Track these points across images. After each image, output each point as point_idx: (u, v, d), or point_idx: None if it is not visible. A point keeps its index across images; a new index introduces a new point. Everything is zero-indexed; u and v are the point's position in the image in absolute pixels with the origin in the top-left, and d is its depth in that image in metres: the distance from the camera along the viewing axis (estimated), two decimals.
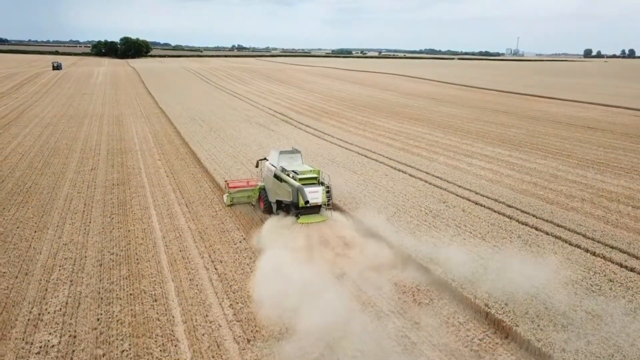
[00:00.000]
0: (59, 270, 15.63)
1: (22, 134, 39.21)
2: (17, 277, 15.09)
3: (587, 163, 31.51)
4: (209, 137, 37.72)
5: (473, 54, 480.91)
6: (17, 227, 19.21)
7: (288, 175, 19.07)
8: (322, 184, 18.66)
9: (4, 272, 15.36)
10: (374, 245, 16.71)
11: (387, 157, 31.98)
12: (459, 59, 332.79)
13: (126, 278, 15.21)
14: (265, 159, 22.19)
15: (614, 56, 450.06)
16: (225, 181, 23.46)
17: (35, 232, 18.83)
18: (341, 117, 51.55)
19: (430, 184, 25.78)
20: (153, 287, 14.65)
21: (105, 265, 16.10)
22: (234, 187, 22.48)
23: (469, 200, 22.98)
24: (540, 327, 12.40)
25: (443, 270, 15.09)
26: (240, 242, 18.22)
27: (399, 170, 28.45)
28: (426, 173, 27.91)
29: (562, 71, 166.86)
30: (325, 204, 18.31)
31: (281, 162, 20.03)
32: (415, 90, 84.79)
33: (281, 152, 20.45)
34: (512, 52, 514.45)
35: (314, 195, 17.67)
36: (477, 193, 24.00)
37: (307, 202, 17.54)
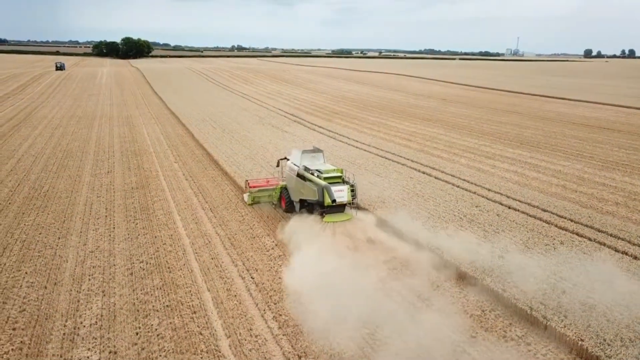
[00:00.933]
0: (89, 279, 14.94)
1: (33, 135, 38.52)
2: (46, 288, 14.40)
3: (611, 165, 30.85)
4: (223, 139, 37.03)
5: (473, 54, 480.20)
6: (40, 234, 18.52)
7: (312, 174, 18.91)
8: (346, 182, 18.53)
9: (32, 282, 14.68)
10: (422, 258, 15.89)
11: (407, 159, 31.32)
12: (460, 59, 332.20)
13: (160, 288, 14.53)
14: (285, 158, 22.05)
15: (614, 56, 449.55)
16: (246, 181, 23.35)
17: (59, 238, 18.15)
18: (352, 117, 50.90)
19: (457, 187, 25.11)
20: (190, 298, 13.96)
21: (136, 274, 15.41)
22: (255, 187, 22.43)
23: (501, 204, 22.31)
24: None
25: (511, 293, 13.78)
26: (273, 248, 17.54)
27: (423, 173, 27.78)
28: (452, 176, 27.24)
29: (566, 71, 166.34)
30: (350, 203, 18.18)
31: (304, 161, 19.87)
32: (423, 90, 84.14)
33: (304, 152, 20.32)
34: (512, 52, 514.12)
35: (340, 194, 17.59)
36: (508, 197, 23.33)
37: (334, 200, 17.42)
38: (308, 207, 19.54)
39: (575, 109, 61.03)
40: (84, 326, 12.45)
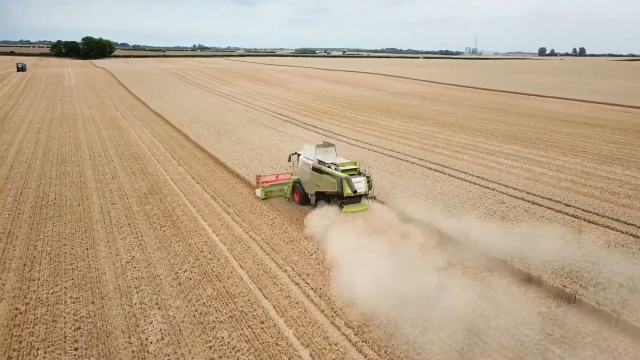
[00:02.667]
0: (137, 292, 14.11)
1: (17, 140, 36.40)
2: (93, 303, 13.50)
3: (607, 159, 31.91)
4: (222, 141, 36.09)
5: (433, 52, 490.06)
6: (64, 245, 17.41)
7: (329, 167, 19.74)
8: (362, 174, 19.40)
9: (77, 298, 13.73)
10: (499, 263, 15.66)
11: (414, 157, 31.41)
12: (424, 57, 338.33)
13: (216, 298, 13.88)
14: (296, 153, 22.91)
15: (566, 54, 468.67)
16: (257, 176, 23.94)
17: (87, 249, 17.11)
18: (342, 117, 50.75)
19: (474, 184, 25.33)
20: (252, 308, 13.40)
21: (184, 284, 14.69)
22: (267, 182, 23.32)
23: (524, 200, 22.64)
24: None
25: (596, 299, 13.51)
26: (315, 252, 17.11)
27: (435, 171, 27.91)
28: (464, 173, 27.48)
29: (531, 69, 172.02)
30: (366, 194, 19.15)
31: (317, 155, 20.70)
32: (401, 89, 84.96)
33: (317, 146, 21.19)
34: (471, 50, 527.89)
35: (359, 185, 18.62)
36: (527, 192, 23.71)
37: (354, 191, 18.42)
38: (324, 199, 20.22)
39: (551, 105, 63.09)
40: (151, 342, 11.72)
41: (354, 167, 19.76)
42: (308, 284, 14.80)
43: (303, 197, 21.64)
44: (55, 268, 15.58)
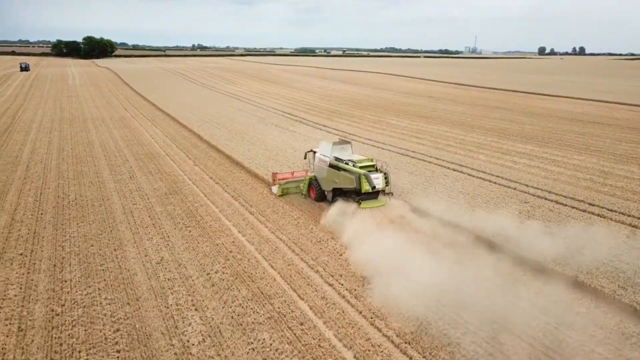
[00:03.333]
0: (172, 294, 14.01)
1: (29, 140, 36.28)
2: (129, 304, 13.39)
3: (622, 158, 31.80)
4: (234, 141, 35.97)
5: (433, 52, 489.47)
6: (91, 246, 17.30)
7: (347, 164, 20.04)
8: (379, 170, 19.80)
9: (111, 299, 13.62)
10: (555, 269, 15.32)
11: (430, 156, 31.31)
12: (425, 57, 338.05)
13: (251, 299, 13.78)
14: (312, 150, 23.46)
15: (566, 53, 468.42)
16: (273, 173, 24.36)
17: (115, 250, 17.00)
18: (351, 116, 50.64)
19: (494, 183, 25.24)
20: (289, 309, 13.29)
21: (218, 285, 14.58)
22: (283, 179, 23.73)
23: (547, 199, 22.54)
24: None
25: None
26: (344, 252, 16.99)
27: (454, 170, 27.81)
28: (483, 172, 27.39)
29: (532, 68, 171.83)
30: (384, 190, 19.65)
31: (334, 153, 21.08)
32: (406, 88, 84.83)
33: (334, 143, 21.47)
34: (471, 50, 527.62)
35: (377, 181, 19.06)
36: (549, 191, 23.61)
37: (373, 187, 18.84)
38: (341, 195, 20.60)
39: (558, 104, 62.96)
40: (193, 344, 11.61)
41: (371, 163, 20.19)
42: (342, 284, 14.69)
43: (319, 193, 21.99)
44: (85, 269, 15.47)
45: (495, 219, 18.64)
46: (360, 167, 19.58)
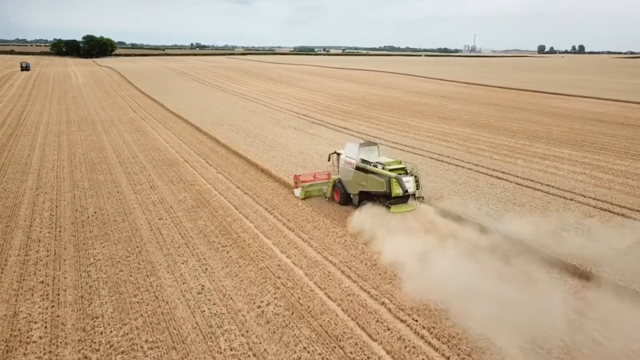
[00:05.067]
0: (222, 334, 12.03)
1: (37, 145, 34.23)
2: (175, 349, 11.40)
3: None
4: (255, 145, 33.96)
5: (432, 50, 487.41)
6: (120, 271, 15.31)
7: (375, 166, 19.19)
8: (408, 173, 18.97)
9: (153, 342, 11.65)
10: None
11: (467, 162, 29.38)
12: (426, 55, 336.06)
13: (316, 341, 11.79)
14: (336, 152, 22.78)
15: (565, 52, 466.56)
16: (295, 175, 23.52)
17: (148, 276, 15.02)
18: (367, 117, 48.70)
19: (546, 193, 23.32)
20: (364, 354, 11.33)
21: (273, 322, 12.60)
22: (306, 181, 22.90)
23: (610, 212, 20.61)
24: None
25: None
26: (397, 275, 14.99)
27: (498, 178, 25.86)
28: (529, 180, 25.43)
29: (540, 67, 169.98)
30: (414, 193, 18.82)
31: (361, 155, 20.20)
32: (417, 87, 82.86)
33: (361, 145, 20.59)
34: (470, 48, 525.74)
35: (409, 184, 18.26)
36: (611, 203, 21.67)
37: (405, 191, 18.09)
38: (369, 199, 19.74)
39: (575, 104, 61.09)
40: None
41: (400, 166, 19.30)
42: (417, 321, 12.72)
43: (344, 196, 21.22)
44: (117, 301, 13.48)
45: (577, 241, 16.64)
46: (390, 170, 18.72)
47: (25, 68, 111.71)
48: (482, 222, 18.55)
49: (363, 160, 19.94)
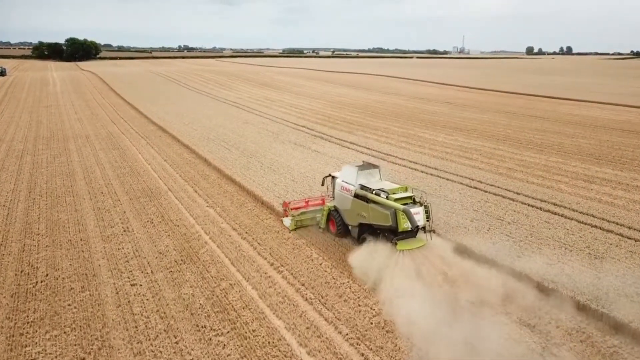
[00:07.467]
0: None
1: None
2: None
3: None
4: (253, 168, 29.08)
5: (421, 52, 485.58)
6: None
7: (377, 195, 16.32)
8: (417, 202, 16.07)
9: None
10: None
11: (503, 189, 24.85)
12: (417, 57, 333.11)
13: None
14: (331, 175, 19.72)
15: (554, 53, 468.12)
16: (284, 202, 20.34)
17: (140, 342, 10.10)
18: (373, 128, 44.13)
19: (609, 231, 18.91)
20: None
21: None
22: (297, 209, 19.92)
23: None
24: None
25: None
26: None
27: (551, 213, 21.24)
28: (586, 215, 20.91)
29: (537, 69, 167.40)
30: (424, 226, 15.85)
31: (359, 180, 17.53)
32: (418, 92, 78.52)
33: (360, 168, 17.88)
34: (459, 50, 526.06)
35: (418, 216, 15.40)
36: None
37: (416, 227, 15.42)
38: (371, 233, 16.92)
39: (592, 111, 57.00)
40: None
41: (407, 194, 16.38)
42: None
43: (341, 227, 18.46)
44: None
45: None
46: (396, 200, 15.90)
47: (1, 73, 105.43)
48: (568, 293, 13.93)
49: (362, 187, 17.15)
